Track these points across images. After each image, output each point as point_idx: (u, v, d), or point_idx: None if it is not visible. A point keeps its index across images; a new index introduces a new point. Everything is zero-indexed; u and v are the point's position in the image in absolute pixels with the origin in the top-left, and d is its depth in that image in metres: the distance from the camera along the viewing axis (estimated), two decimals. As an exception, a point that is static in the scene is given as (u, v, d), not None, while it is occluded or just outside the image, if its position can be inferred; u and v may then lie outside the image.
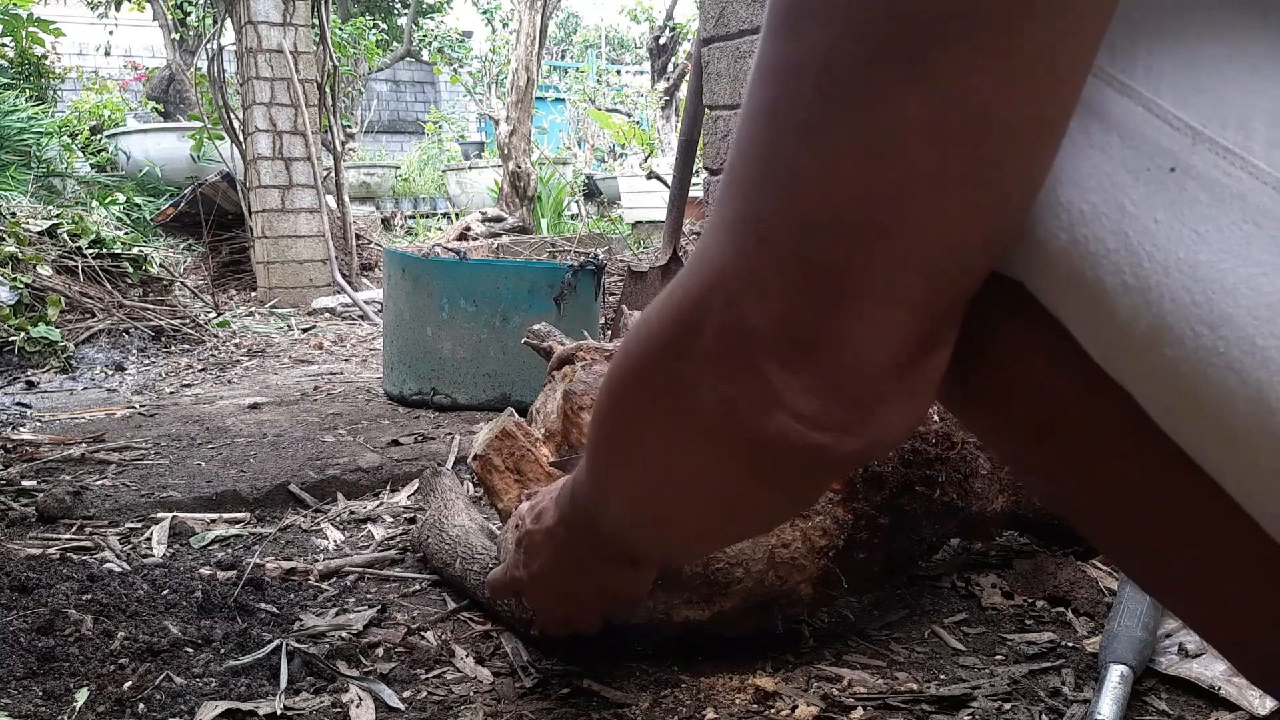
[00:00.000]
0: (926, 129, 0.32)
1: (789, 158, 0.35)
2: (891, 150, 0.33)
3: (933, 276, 0.35)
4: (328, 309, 4.75)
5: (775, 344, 0.37)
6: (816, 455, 0.39)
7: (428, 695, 1.05)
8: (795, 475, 0.42)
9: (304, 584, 1.37)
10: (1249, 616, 0.39)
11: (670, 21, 11.51)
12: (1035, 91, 0.33)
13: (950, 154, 0.33)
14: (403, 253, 2.59)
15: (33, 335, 3.13)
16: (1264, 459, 0.33)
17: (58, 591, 1.22)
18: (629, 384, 0.46)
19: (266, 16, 4.83)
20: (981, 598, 1.28)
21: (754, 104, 0.37)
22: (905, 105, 0.32)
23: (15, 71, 7.00)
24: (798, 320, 0.36)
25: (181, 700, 1.01)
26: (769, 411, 0.38)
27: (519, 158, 7.20)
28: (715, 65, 2.17)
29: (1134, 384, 0.36)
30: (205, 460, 1.93)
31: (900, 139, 0.33)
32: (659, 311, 0.43)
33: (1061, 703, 1.02)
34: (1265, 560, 0.35)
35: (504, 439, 1.10)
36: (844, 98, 0.34)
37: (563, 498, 0.71)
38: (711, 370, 0.39)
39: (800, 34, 0.35)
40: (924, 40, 0.32)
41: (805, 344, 0.36)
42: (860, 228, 0.34)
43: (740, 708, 1.00)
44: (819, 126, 0.34)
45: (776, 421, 0.38)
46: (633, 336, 0.45)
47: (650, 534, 0.58)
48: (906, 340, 0.37)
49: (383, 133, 11.59)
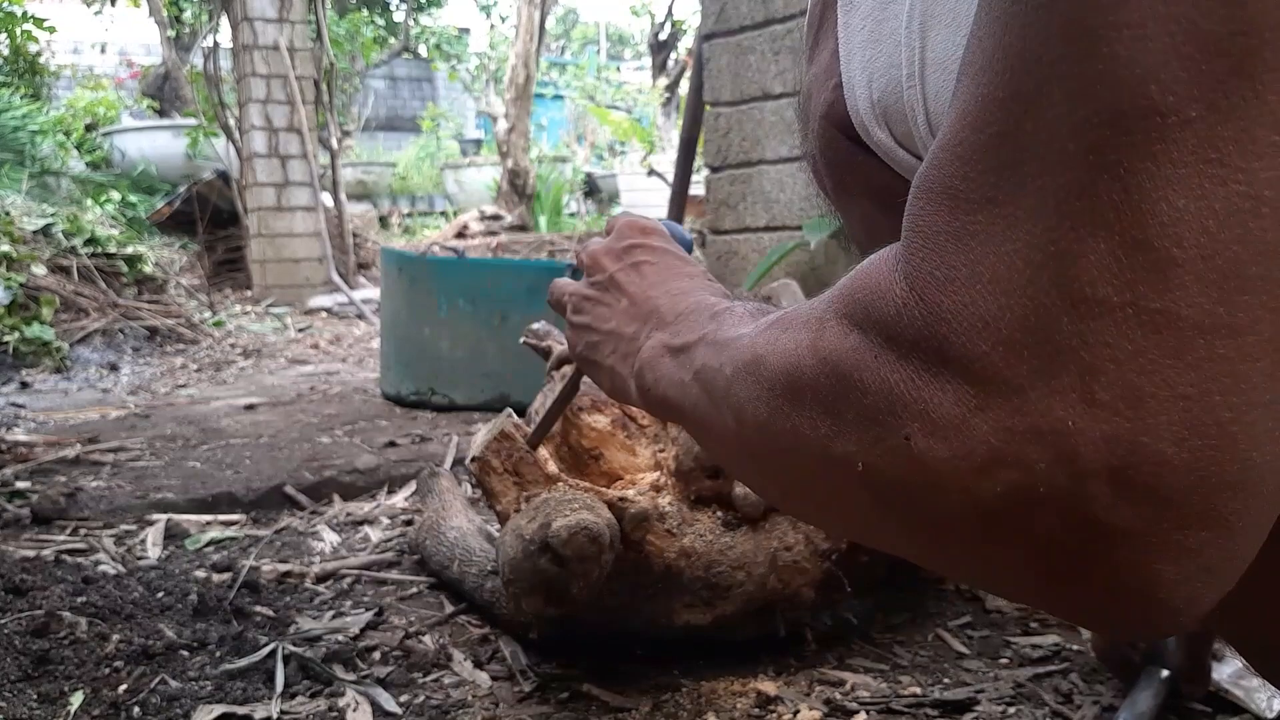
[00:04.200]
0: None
1: (1113, 165, 0.26)
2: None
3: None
4: (324, 308, 4.73)
5: (1131, 467, 0.26)
6: (1164, 614, 0.29)
7: (425, 699, 1.04)
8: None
9: (300, 586, 1.36)
10: (1267, 608, 0.37)
11: (671, 17, 11.51)
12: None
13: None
14: (400, 251, 2.58)
15: (27, 335, 3.11)
16: None
17: (52, 594, 1.20)
18: (809, 458, 0.35)
19: (262, 13, 4.81)
20: (986, 601, 1.27)
21: (1025, 88, 0.28)
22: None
23: (10, 69, 6.98)
24: (1169, 419, 0.26)
25: (176, 704, 1.00)
26: (1112, 554, 0.27)
27: (517, 155, 7.19)
28: (716, 61, 2.15)
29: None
30: (200, 461, 1.91)
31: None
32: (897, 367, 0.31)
33: (1068, 707, 1.01)
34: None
35: (502, 441, 1.08)
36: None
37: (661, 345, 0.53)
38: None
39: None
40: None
41: (1194, 459, 0.26)
42: (1256, 258, 0.25)
43: (742, 712, 0.99)
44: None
45: (1129, 569, 0.28)
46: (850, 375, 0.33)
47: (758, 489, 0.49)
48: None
49: (380, 130, 11.56)
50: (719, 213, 2.20)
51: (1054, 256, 0.27)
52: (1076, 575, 0.28)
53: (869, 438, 0.31)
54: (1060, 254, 0.27)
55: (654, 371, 0.52)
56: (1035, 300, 0.27)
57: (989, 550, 0.29)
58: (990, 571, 0.31)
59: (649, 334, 0.54)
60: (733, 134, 2.13)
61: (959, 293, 0.29)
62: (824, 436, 0.33)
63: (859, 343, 0.32)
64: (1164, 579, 0.27)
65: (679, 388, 0.49)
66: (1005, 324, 0.28)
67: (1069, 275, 0.26)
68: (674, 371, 0.50)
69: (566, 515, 0.94)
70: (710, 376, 0.44)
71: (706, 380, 0.45)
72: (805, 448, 0.35)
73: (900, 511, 0.32)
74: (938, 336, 0.29)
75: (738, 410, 0.41)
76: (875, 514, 0.33)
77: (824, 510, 0.40)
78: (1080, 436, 0.26)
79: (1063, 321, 0.26)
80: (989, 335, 0.28)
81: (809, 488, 0.38)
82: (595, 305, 0.61)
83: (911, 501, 0.31)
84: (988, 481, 0.28)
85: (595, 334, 0.60)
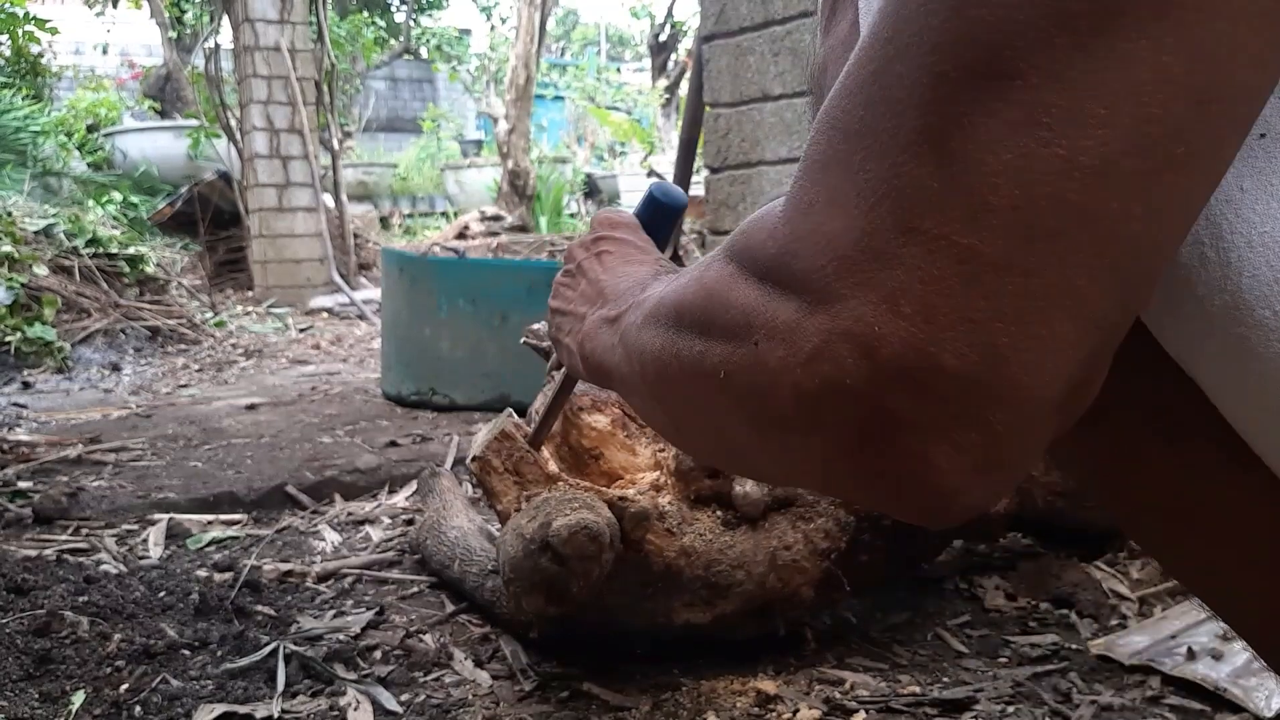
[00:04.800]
0: (1160, 86, 0.28)
1: (959, 116, 0.29)
2: (1111, 115, 0.28)
3: (1127, 280, 0.30)
4: (325, 308, 4.74)
5: (917, 369, 0.30)
6: (938, 501, 0.32)
7: (426, 698, 1.04)
8: (900, 498, 0.34)
9: (301, 586, 1.36)
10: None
11: (671, 18, 11.51)
12: (1267, 50, 0.28)
13: (1180, 124, 0.28)
14: (401, 252, 2.58)
15: (29, 335, 3.12)
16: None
17: (54, 593, 1.21)
18: (687, 376, 0.39)
19: (264, 14, 4.81)
20: (985, 600, 1.27)
21: (902, 33, 0.31)
22: (1137, 59, 0.28)
23: (11, 70, 6.98)
24: (954, 334, 0.29)
25: (178, 703, 1.00)
26: (897, 440, 0.31)
27: (518, 156, 7.19)
28: (716, 62, 2.16)
29: (1202, 364, 0.34)
30: (202, 461, 1.92)
31: (1129, 99, 0.28)
32: (735, 290, 0.36)
33: (1066, 706, 1.01)
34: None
35: (502, 441, 1.09)
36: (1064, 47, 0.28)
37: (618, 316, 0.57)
38: (819, 392, 0.32)
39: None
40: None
41: (967, 370, 0.29)
42: (1059, 214, 0.28)
43: (741, 711, 0.99)
44: (1021, 78, 0.28)
45: (909, 457, 0.31)
46: (693, 308, 0.39)
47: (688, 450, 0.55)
48: (1081, 365, 0.31)
49: (380, 131, 11.56)
50: (719, 213, 2.20)
51: (895, 189, 0.30)
52: (871, 459, 0.32)
53: (729, 348, 0.36)
54: (899, 187, 0.30)
55: (592, 341, 0.58)
56: (872, 224, 0.31)
57: (811, 442, 0.34)
58: (810, 463, 0.35)
59: (594, 311, 0.61)
60: (732, 135, 2.13)
61: (816, 215, 0.33)
62: (698, 354, 0.38)
63: (732, 270, 0.37)
64: (938, 467, 0.31)
65: (609, 351, 0.54)
66: (844, 243, 0.31)
67: (902, 205, 0.30)
68: (607, 338, 0.56)
69: (567, 514, 0.94)
70: (628, 333, 0.50)
71: (627, 337, 0.50)
72: (684, 368, 0.40)
73: (750, 412, 0.36)
74: (790, 254, 0.33)
75: (641, 352, 0.46)
76: (732, 420, 0.38)
77: (702, 433, 0.44)
78: (881, 340, 0.30)
79: (889, 244, 0.30)
80: (829, 251, 0.32)
81: (693, 412, 0.42)
82: (565, 289, 0.68)
83: (757, 400, 0.35)
84: (808, 375, 0.32)
85: (560, 315, 0.68)
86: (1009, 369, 0.29)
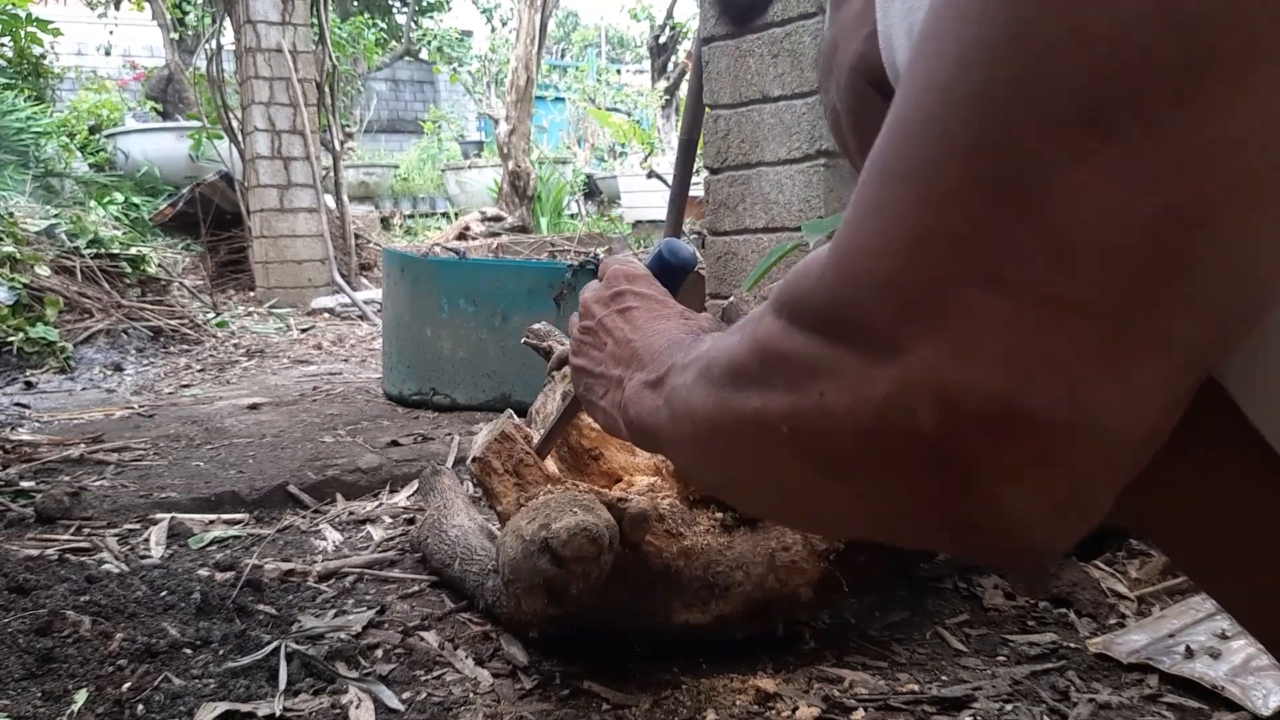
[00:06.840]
0: (1255, 131, 0.27)
1: (1045, 166, 0.28)
2: (1207, 163, 0.27)
3: (1223, 323, 0.29)
4: (326, 309, 4.74)
5: (1000, 416, 0.29)
6: (1016, 543, 0.32)
7: (427, 696, 1.05)
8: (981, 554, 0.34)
9: (303, 585, 1.37)
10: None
11: (670, 20, 11.51)
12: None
13: (1275, 168, 0.28)
14: (402, 252, 2.58)
15: (31, 336, 3.12)
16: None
17: (56, 593, 1.21)
18: (745, 434, 0.39)
19: (265, 16, 4.82)
20: (983, 599, 1.28)
21: (960, 81, 0.30)
22: (1230, 106, 0.27)
23: (14, 71, 6.99)
24: (1041, 380, 0.29)
25: (180, 701, 1.01)
26: (974, 485, 0.30)
27: (518, 157, 7.20)
28: (716, 64, 2.16)
29: (1232, 372, 0.34)
30: (204, 461, 1.92)
31: (1224, 147, 0.27)
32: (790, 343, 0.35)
33: (1065, 704, 1.01)
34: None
35: (503, 441, 1.09)
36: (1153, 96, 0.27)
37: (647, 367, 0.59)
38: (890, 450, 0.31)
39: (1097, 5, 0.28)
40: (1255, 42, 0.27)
41: (1054, 415, 0.29)
42: (1154, 262, 0.28)
43: (741, 709, 1.00)
44: (1106, 124, 0.28)
45: (987, 501, 0.31)
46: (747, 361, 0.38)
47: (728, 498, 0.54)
48: (1170, 405, 0.30)
49: (381, 132, 11.57)
50: (718, 214, 2.21)
51: (964, 236, 0.30)
52: (949, 505, 0.31)
53: (791, 400, 0.35)
54: (969, 235, 0.29)
55: (636, 407, 0.57)
56: (938, 271, 0.30)
57: (887, 490, 0.33)
58: (887, 511, 0.35)
59: (631, 375, 0.60)
60: (732, 136, 2.14)
61: (868, 261, 0.32)
62: (756, 409, 0.37)
63: (783, 324, 0.36)
64: (1018, 509, 0.30)
65: (654, 414, 0.53)
66: (904, 289, 0.31)
67: (974, 252, 0.29)
68: (651, 401, 0.55)
69: (566, 516, 0.94)
70: (674, 395, 0.50)
71: (673, 400, 0.50)
72: (743, 425, 0.39)
73: (817, 464, 0.35)
74: (842, 301, 0.33)
75: (691, 413, 0.45)
76: (799, 474, 0.37)
77: (755, 487, 0.43)
78: (958, 388, 0.30)
79: (959, 291, 0.30)
80: (887, 298, 0.31)
81: (749, 467, 0.41)
82: (589, 349, 0.68)
83: (824, 451, 0.34)
84: (880, 424, 0.31)
85: (589, 376, 0.67)
86: (1097, 413, 0.29)
